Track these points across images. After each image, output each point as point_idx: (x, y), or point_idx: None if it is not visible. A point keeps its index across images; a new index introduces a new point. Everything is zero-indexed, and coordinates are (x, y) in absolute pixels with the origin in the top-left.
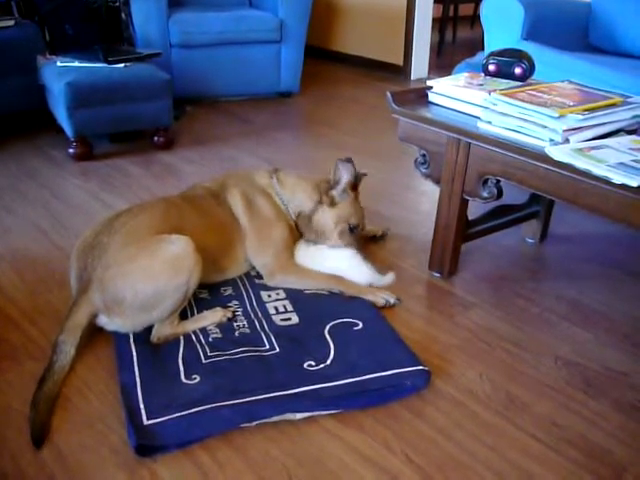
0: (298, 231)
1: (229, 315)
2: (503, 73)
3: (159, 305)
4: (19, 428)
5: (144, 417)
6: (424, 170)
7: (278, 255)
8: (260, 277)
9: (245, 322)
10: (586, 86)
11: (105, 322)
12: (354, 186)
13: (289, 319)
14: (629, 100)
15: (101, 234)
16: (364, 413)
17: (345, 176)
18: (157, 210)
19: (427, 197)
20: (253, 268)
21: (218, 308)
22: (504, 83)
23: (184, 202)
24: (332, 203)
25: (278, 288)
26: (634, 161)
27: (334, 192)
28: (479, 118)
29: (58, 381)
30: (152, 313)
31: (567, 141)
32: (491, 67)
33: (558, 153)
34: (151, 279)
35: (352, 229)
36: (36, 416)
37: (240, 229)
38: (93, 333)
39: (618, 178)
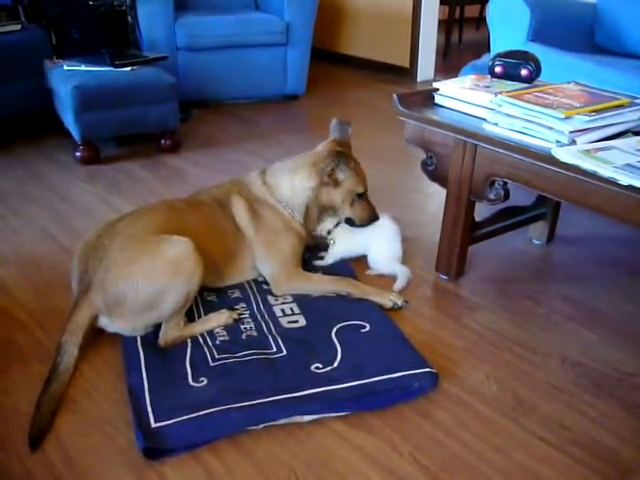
0: (306, 223)
1: (235, 317)
2: (509, 75)
3: (159, 306)
4: (27, 430)
5: (152, 420)
6: (430, 172)
7: (284, 265)
8: (267, 281)
9: (252, 325)
10: (592, 87)
11: (106, 323)
12: (343, 144)
13: (296, 321)
14: (636, 101)
15: (103, 237)
16: (371, 415)
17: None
18: (159, 213)
19: (434, 199)
20: (260, 274)
21: (224, 310)
22: (510, 85)
23: (187, 207)
24: (336, 183)
25: None
26: None
27: (338, 174)
28: (485, 120)
29: (63, 382)
30: (152, 314)
31: (574, 142)
32: (497, 69)
33: (565, 154)
34: (152, 280)
35: (360, 195)
36: (38, 417)
37: (244, 239)
38: (100, 335)
39: (625, 179)
